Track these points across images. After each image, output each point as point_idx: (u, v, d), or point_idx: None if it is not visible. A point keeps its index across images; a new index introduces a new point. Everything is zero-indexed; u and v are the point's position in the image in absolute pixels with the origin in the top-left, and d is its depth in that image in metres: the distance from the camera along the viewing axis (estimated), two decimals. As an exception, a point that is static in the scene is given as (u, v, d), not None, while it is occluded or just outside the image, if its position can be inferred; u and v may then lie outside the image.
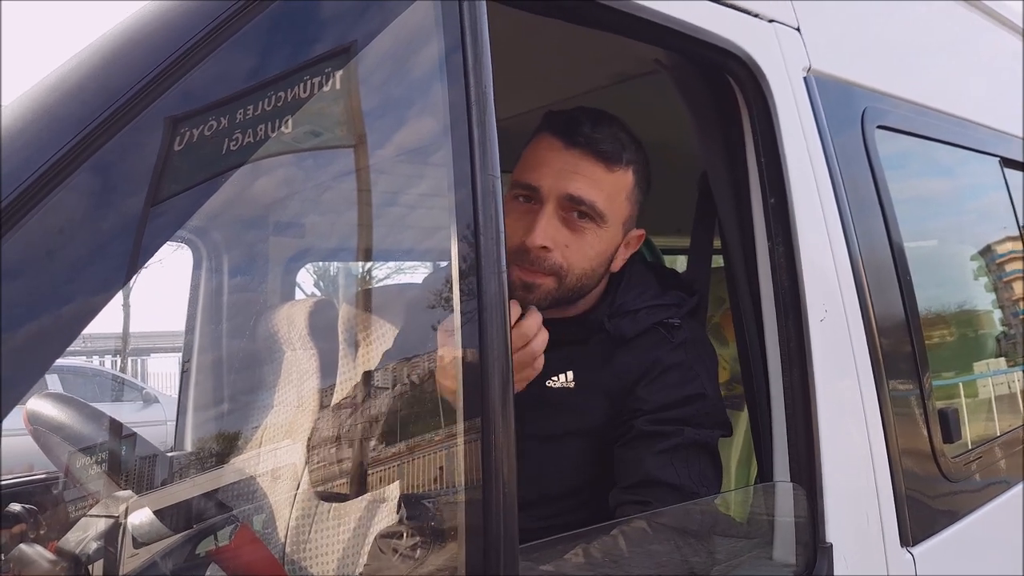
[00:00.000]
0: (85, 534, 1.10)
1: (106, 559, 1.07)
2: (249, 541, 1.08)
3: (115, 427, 1.18)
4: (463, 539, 0.82)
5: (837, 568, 1.19)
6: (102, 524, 1.10)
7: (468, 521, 0.82)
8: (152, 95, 0.65)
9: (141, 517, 1.07)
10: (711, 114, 1.36)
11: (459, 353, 0.83)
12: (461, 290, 0.84)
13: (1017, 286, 2.30)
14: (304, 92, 0.80)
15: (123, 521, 1.08)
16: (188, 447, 1.98)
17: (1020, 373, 2.20)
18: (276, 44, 0.78)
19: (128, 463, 1.16)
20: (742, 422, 1.91)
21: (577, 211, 1.27)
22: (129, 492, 1.10)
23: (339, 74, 0.84)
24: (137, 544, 1.05)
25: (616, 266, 1.37)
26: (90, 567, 1.03)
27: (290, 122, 0.84)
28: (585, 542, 1.06)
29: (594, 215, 1.28)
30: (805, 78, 1.40)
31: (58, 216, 0.61)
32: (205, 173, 0.77)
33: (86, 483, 1.16)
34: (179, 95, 0.68)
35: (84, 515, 1.12)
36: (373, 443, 1.15)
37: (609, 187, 1.29)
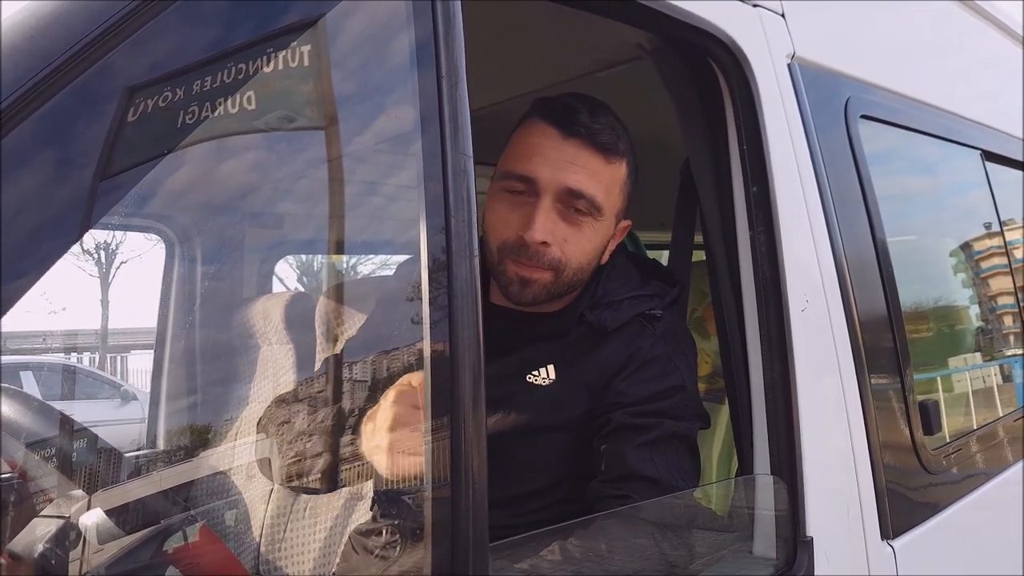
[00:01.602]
0: (38, 535, 1.06)
1: (59, 560, 1.03)
2: (209, 541, 1.04)
3: (67, 423, 1.14)
4: (431, 538, 0.78)
5: (818, 561, 1.18)
6: (55, 525, 1.05)
7: (437, 519, 0.78)
8: (90, 60, 0.60)
9: (103, 516, 1.03)
10: (694, 100, 1.33)
11: (428, 343, 0.79)
12: (431, 276, 0.80)
13: (997, 279, 2.30)
14: (265, 67, 0.75)
15: (76, 521, 1.04)
16: (158, 442, 1.93)
17: (999, 367, 2.21)
18: (226, 17, 0.73)
19: (82, 460, 1.11)
20: (724, 415, 1.89)
21: (574, 205, 1.24)
22: (81, 491, 1.05)
23: (304, 49, 0.80)
24: (101, 540, 1.02)
25: (605, 258, 1.34)
26: (46, 567, 0.99)
27: (249, 100, 0.79)
28: (562, 538, 1.03)
29: (592, 209, 1.24)
30: (789, 65, 1.37)
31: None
32: (154, 151, 0.73)
33: (38, 482, 1.11)
34: (120, 64, 0.63)
35: (37, 515, 1.08)
36: (343, 438, 1.11)
37: (607, 179, 1.26)
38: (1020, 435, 2.02)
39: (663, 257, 1.97)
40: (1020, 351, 2.26)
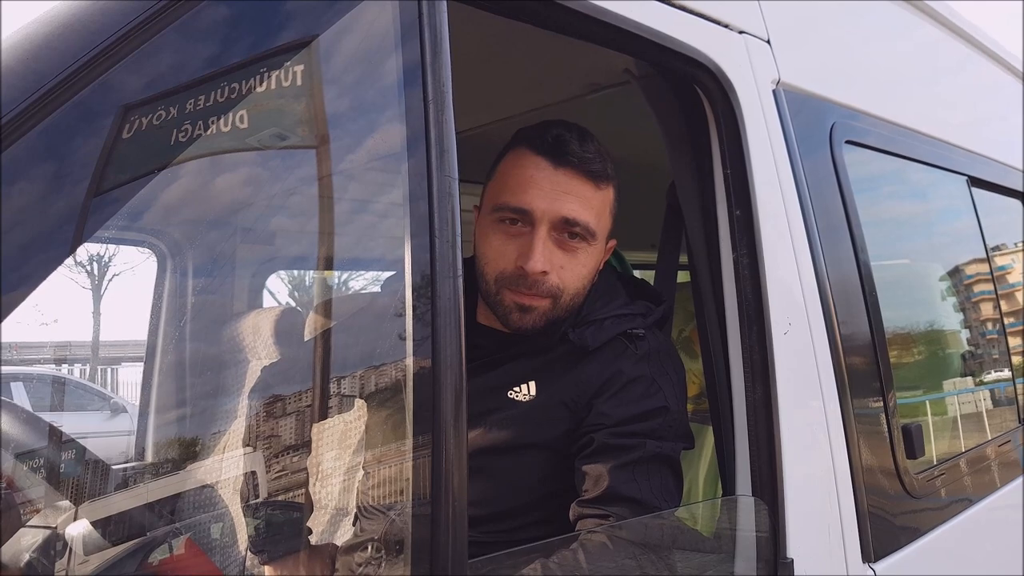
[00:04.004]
0: (24, 545, 1.06)
1: (45, 570, 1.03)
2: (194, 554, 1.05)
3: (56, 435, 1.14)
4: (411, 554, 0.79)
5: (799, 584, 1.18)
6: (42, 535, 1.06)
7: (416, 535, 0.79)
8: (82, 83, 0.62)
9: (89, 527, 1.04)
10: (680, 125, 1.36)
11: (411, 361, 0.80)
12: (415, 295, 0.81)
13: (982, 304, 2.32)
14: (250, 88, 0.77)
15: (63, 532, 1.04)
16: (146, 455, 1.93)
17: (986, 392, 2.22)
18: (219, 38, 0.75)
19: (70, 472, 1.11)
20: (712, 437, 1.90)
21: (569, 232, 1.26)
22: (68, 502, 1.05)
23: (291, 70, 0.81)
24: (87, 552, 1.02)
25: (594, 278, 1.36)
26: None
27: (241, 119, 0.81)
28: (543, 556, 1.03)
29: (586, 234, 1.27)
30: (774, 91, 1.40)
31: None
32: (147, 167, 0.75)
33: (26, 492, 1.12)
34: (113, 84, 0.65)
35: (24, 525, 1.08)
36: (327, 454, 1.12)
37: (598, 204, 1.29)
38: (1004, 460, 2.03)
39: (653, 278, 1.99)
40: (1005, 376, 2.28)
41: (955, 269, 2.26)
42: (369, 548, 0.95)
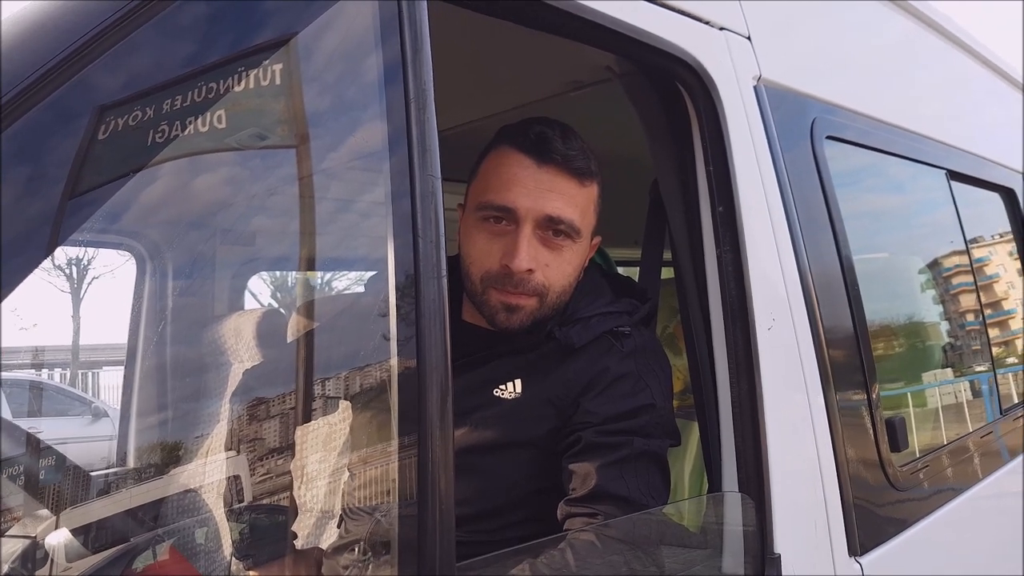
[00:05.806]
0: (4, 555, 1.04)
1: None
2: (176, 560, 1.03)
3: (34, 442, 1.12)
4: (397, 556, 0.78)
5: (786, 578, 1.19)
6: (21, 544, 1.04)
7: (403, 537, 0.78)
8: (55, 83, 0.61)
9: (71, 535, 1.02)
10: (662, 122, 1.36)
11: (395, 362, 0.80)
12: (399, 296, 0.80)
13: (962, 296, 2.35)
14: (228, 87, 0.76)
15: (43, 541, 1.03)
16: (128, 460, 1.91)
17: (967, 383, 2.25)
18: (196, 37, 0.74)
19: (50, 479, 1.10)
20: (696, 432, 1.90)
21: (553, 229, 1.26)
22: (48, 511, 1.04)
23: (269, 69, 0.80)
24: (69, 559, 1.01)
25: (580, 275, 1.36)
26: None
27: (219, 119, 0.80)
28: (531, 556, 1.03)
29: (571, 232, 1.27)
30: (755, 87, 1.40)
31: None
32: (124, 169, 0.73)
33: (5, 500, 1.10)
34: (88, 84, 0.64)
35: (3, 535, 1.06)
36: (312, 456, 1.11)
37: (582, 202, 1.29)
38: (986, 451, 2.05)
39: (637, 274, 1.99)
40: (985, 367, 2.30)
41: (935, 262, 2.29)
42: (355, 550, 0.94)
